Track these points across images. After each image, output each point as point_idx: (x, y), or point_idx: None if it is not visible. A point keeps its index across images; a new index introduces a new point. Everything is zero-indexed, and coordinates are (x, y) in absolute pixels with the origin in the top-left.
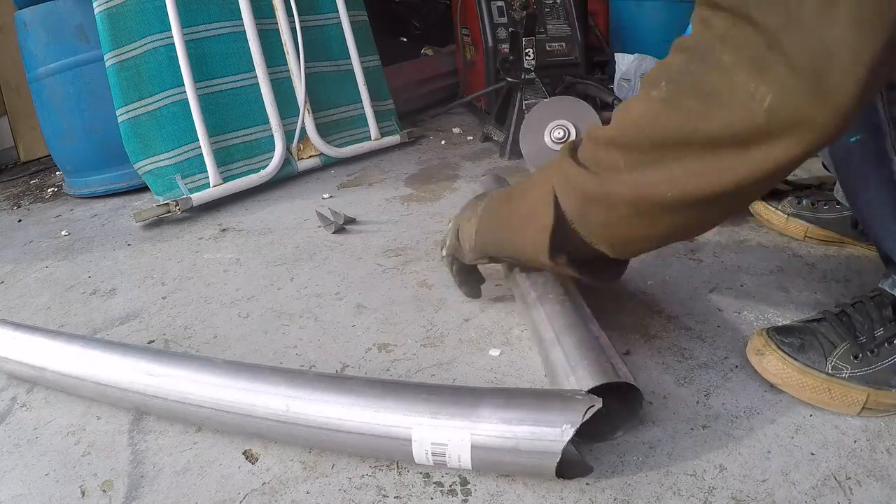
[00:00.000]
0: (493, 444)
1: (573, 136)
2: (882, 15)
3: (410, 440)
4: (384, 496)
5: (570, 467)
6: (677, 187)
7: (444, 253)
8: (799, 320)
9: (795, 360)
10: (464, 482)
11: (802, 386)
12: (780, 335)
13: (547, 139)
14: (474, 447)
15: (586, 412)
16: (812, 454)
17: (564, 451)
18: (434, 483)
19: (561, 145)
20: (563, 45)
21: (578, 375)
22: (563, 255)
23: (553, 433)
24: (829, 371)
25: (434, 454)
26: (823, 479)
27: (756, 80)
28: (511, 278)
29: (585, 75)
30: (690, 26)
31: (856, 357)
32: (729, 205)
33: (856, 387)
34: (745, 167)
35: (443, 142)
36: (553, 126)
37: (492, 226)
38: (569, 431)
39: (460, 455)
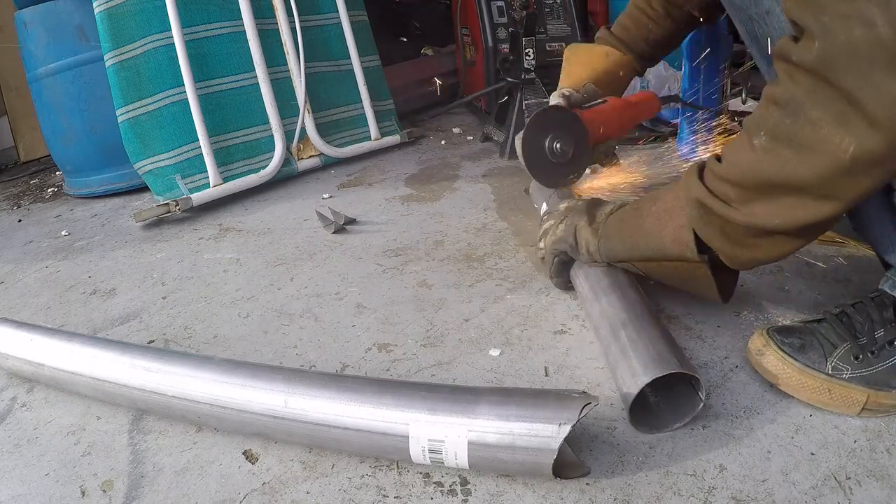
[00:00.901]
0: (489, 440)
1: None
2: None
3: (408, 437)
4: (384, 496)
5: (567, 468)
6: (779, 218)
7: (546, 245)
8: (799, 321)
9: (795, 360)
10: (464, 482)
11: (802, 386)
12: (781, 335)
13: (547, 148)
14: (471, 444)
15: (582, 410)
16: (812, 454)
17: (562, 453)
18: (434, 483)
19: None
20: (563, 45)
21: (646, 365)
22: (705, 254)
23: (549, 430)
24: (830, 371)
25: (431, 451)
26: (823, 479)
27: (841, 132)
28: (575, 272)
29: None
30: (777, 75)
31: (856, 358)
32: (823, 228)
33: (856, 387)
34: (831, 205)
35: (443, 142)
36: (551, 138)
37: (623, 232)
38: (565, 428)
39: (457, 452)
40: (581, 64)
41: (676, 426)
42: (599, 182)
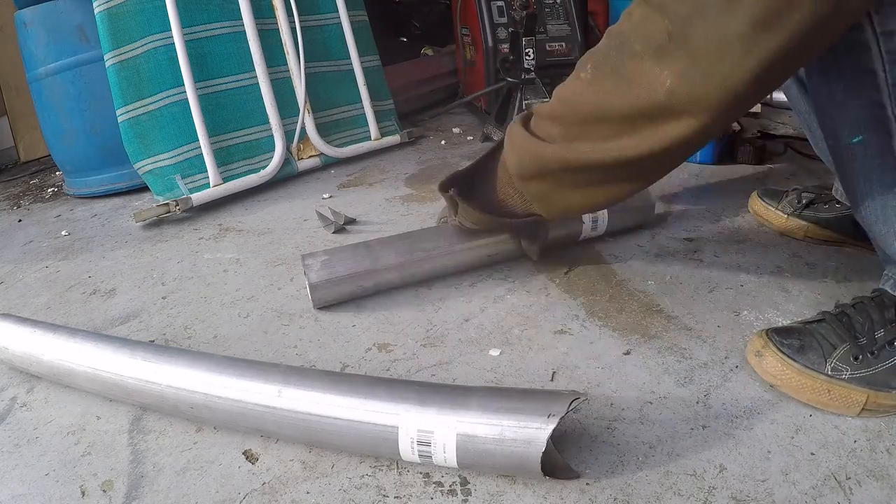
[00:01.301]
0: (478, 432)
1: None
2: (780, 18)
3: (397, 428)
4: (384, 496)
5: (560, 471)
6: (598, 154)
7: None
8: (799, 321)
9: (795, 361)
10: (464, 482)
11: (802, 387)
12: (780, 336)
13: None
14: (459, 436)
15: (571, 403)
16: (812, 454)
17: (554, 456)
18: (434, 483)
19: None
20: (563, 45)
21: None
22: (450, 188)
23: (537, 421)
24: (829, 372)
25: (420, 443)
26: (823, 479)
27: (660, 65)
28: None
29: None
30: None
31: (856, 358)
32: (643, 173)
33: (856, 388)
34: (651, 139)
35: (443, 142)
36: None
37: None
38: (553, 420)
39: (445, 444)
40: None
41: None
42: None
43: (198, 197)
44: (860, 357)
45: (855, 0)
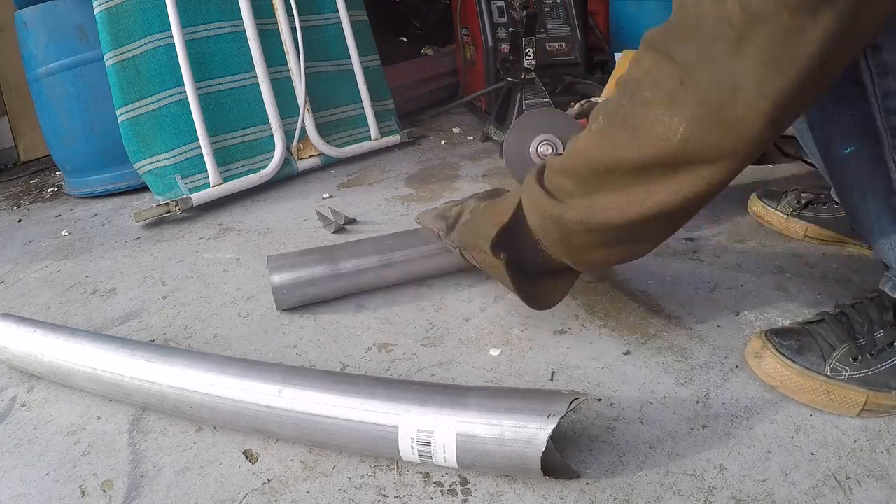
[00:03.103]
0: (478, 432)
1: (560, 149)
2: (791, 53)
3: (397, 427)
4: (384, 496)
5: (560, 471)
6: (618, 213)
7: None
8: (797, 322)
9: (794, 362)
10: (464, 482)
11: (801, 388)
12: (779, 338)
13: (533, 153)
14: (459, 435)
15: (571, 403)
16: (812, 454)
17: (553, 456)
18: (434, 483)
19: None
20: (563, 45)
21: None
22: (504, 252)
23: (537, 421)
24: (828, 373)
25: (420, 443)
26: (823, 479)
27: (670, 112)
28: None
29: (585, 75)
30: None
31: (855, 359)
32: (665, 226)
33: (855, 389)
34: (668, 191)
35: (443, 142)
36: (539, 141)
37: (470, 225)
38: (553, 420)
39: (445, 444)
40: None
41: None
42: None
43: (198, 197)
44: (859, 358)
45: (863, 28)
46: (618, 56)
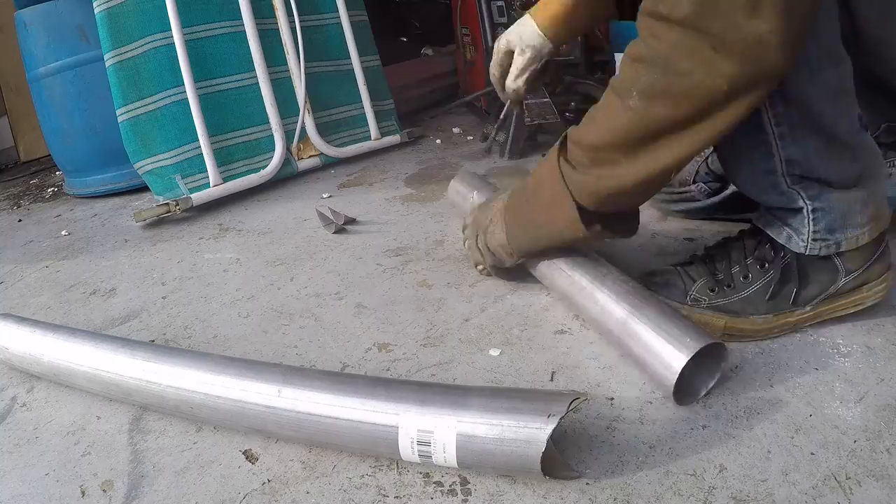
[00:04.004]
0: (478, 432)
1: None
2: (800, 2)
3: (397, 427)
4: (384, 496)
5: (560, 471)
6: (673, 157)
7: (488, 267)
8: (670, 264)
9: (658, 294)
10: (464, 482)
11: None
12: (649, 276)
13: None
14: (459, 435)
15: (571, 403)
16: (812, 454)
17: (553, 455)
18: (434, 483)
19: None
20: (563, 44)
21: (680, 342)
22: (596, 224)
23: (537, 421)
24: (689, 302)
25: (420, 443)
26: (823, 479)
27: (712, 74)
28: (545, 272)
29: (585, 75)
30: (637, 39)
31: (712, 290)
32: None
33: (714, 315)
34: (726, 119)
35: (442, 142)
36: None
37: (521, 227)
38: (553, 420)
39: (445, 444)
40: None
41: (703, 393)
42: None
43: (198, 197)
44: (716, 289)
45: None
46: (619, 57)
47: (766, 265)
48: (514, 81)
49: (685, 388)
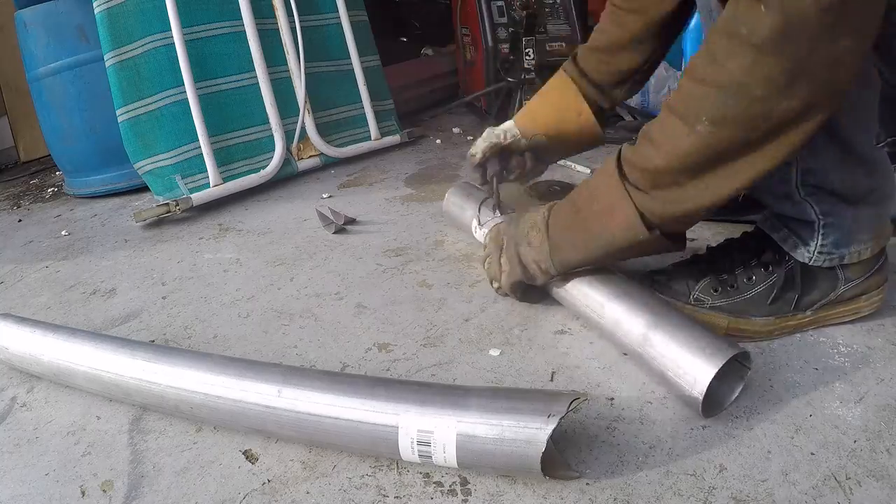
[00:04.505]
0: (478, 432)
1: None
2: (873, 18)
3: (397, 427)
4: (384, 496)
5: (560, 471)
6: (741, 180)
7: (504, 286)
8: (672, 263)
9: (661, 294)
10: (464, 482)
11: None
12: (654, 274)
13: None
14: (459, 436)
15: (571, 403)
16: (812, 454)
17: (553, 455)
18: (434, 483)
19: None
20: (563, 45)
21: (707, 354)
22: (655, 230)
23: (537, 421)
24: (692, 302)
25: (420, 443)
26: (823, 479)
27: (788, 96)
28: (561, 288)
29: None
30: (705, 59)
31: (715, 290)
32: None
33: (716, 315)
34: (799, 136)
35: (442, 142)
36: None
37: (573, 241)
38: (553, 420)
39: (445, 444)
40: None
41: (730, 402)
42: None
43: (198, 197)
44: (719, 290)
45: None
46: None
47: (771, 269)
48: (475, 147)
49: (711, 398)
